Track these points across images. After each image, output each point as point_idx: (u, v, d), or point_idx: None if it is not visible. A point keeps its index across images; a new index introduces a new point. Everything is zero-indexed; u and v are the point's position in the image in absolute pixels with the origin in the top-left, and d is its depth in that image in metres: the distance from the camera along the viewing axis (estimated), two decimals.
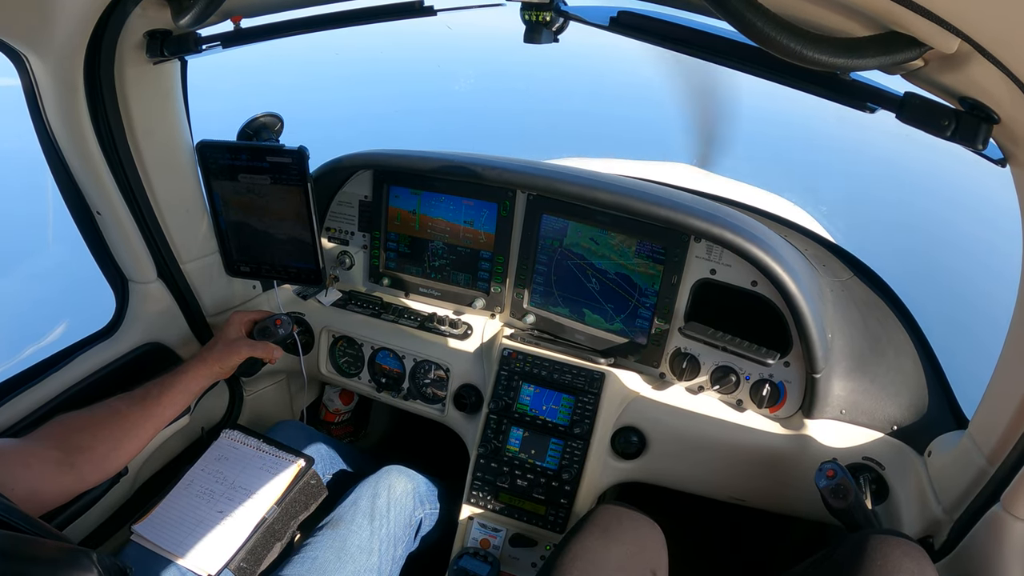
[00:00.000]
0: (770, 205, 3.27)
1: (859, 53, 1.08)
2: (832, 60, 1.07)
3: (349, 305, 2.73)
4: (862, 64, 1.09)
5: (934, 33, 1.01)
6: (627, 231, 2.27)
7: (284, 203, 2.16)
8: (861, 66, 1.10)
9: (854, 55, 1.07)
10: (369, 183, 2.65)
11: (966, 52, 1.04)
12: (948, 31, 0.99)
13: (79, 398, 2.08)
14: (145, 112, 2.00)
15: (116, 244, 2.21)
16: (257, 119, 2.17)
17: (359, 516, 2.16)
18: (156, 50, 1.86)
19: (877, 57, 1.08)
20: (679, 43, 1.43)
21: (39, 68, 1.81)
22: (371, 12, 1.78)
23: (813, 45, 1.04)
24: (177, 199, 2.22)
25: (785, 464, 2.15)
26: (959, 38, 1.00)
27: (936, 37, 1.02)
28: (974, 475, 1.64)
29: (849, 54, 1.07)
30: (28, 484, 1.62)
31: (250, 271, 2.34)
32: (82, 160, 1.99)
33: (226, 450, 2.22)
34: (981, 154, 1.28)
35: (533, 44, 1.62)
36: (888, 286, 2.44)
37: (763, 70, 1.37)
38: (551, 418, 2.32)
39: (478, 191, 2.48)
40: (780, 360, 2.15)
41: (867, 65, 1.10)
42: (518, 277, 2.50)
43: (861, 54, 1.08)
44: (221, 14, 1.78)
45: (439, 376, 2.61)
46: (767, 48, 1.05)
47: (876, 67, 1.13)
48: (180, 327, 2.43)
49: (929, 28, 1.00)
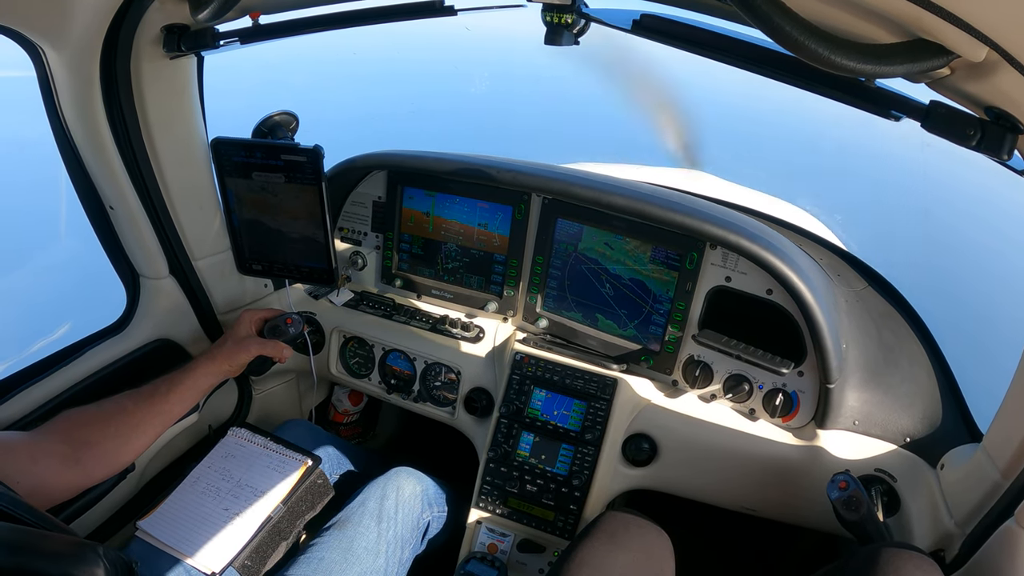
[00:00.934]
0: (785, 214, 3.26)
1: (886, 60, 1.06)
2: (859, 66, 1.05)
3: (361, 306, 2.72)
4: (889, 71, 1.08)
5: (962, 41, 0.99)
6: (642, 236, 2.26)
7: (298, 202, 2.16)
8: (888, 73, 1.09)
9: (881, 61, 1.06)
10: (383, 184, 2.64)
11: (994, 61, 1.03)
12: (977, 39, 0.97)
13: (88, 393, 2.07)
14: (160, 107, 2.00)
15: (128, 239, 2.20)
16: (272, 117, 2.17)
17: (366, 517, 2.15)
18: (173, 45, 1.86)
19: (904, 64, 1.07)
20: (702, 47, 1.42)
21: (55, 61, 1.81)
22: (391, 11, 1.77)
23: (840, 50, 1.03)
24: (190, 195, 2.22)
25: (797, 474, 2.14)
26: (988, 47, 0.99)
27: (964, 45, 1.00)
28: (988, 489, 1.63)
29: (876, 60, 1.06)
30: (34, 478, 1.62)
31: (262, 269, 2.33)
32: (96, 154, 1.99)
33: (233, 448, 2.22)
34: (1006, 165, 1.26)
35: (554, 46, 1.61)
36: (903, 297, 2.42)
37: (788, 75, 1.36)
38: (562, 423, 2.30)
39: (493, 194, 2.47)
40: (794, 370, 2.14)
41: (894, 72, 1.09)
42: (531, 281, 2.49)
43: (888, 61, 1.06)
44: (239, 10, 1.78)
45: (450, 379, 2.60)
46: (795, 53, 1.03)
47: (902, 74, 1.11)
48: (191, 324, 2.43)
49: (958, 36, 0.99)
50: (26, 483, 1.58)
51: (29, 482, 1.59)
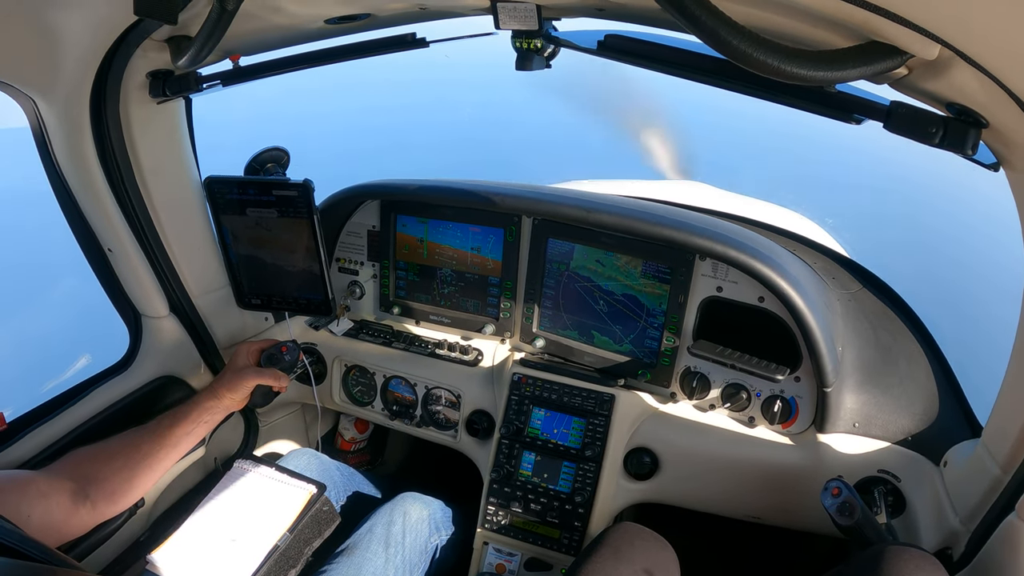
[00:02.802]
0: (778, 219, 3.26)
1: (840, 65, 1.07)
2: (813, 73, 1.06)
3: (361, 334, 2.75)
4: (844, 76, 1.09)
5: (914, 40, 1.01)
6: (632, 252, 2.28)
7: (292, 235, 2.20)
8: (843, 77, 1.10)
9: (835, 67, 1.07)
10: (376, 213, 2.68)
11: (948, 58, 1.04)
12: (927, 38, 0.99)
13: (95, 431, 2.11)
14: (152, 150, 2.05)
15: (128, 280, 2.25)
16: (263, 153, 2.21)
17: (374, 543, 2.16)
18: (159, 90, 1.91)
19: (859, 68, 1.08)
20: (665, 64, 1.44)
21: (46, 111, 1.87)
22: (366, 46, 1.82)
23: (791, 60, 1.04)
24: (187, 234, 2.26)
25: (800, 480, 2.13)
26: (939, 44, 1.00)
27: (916, 44, 1.02)
28: (989, 484, 1.62)
29: (830, 66, 1.07)
30: (44, 515, 1.65)
31: (261, 303, 2.37)
32: (91, 199, 2.04)
33: (239, 480, 2.23)
34: (973, 159, 1.27)
35: (526, 71, 1.64)
36: (898, 296, 2.41)
37: (749, 87, 1.38)
38: (563, 441, 2.31)
39: (484, 217, 2.50)
40: (790, 375, 2.14)
41: (849, 76, 1.10)
42: (526, 302, 2.52)
43: (842, 65, 1.08)
44: (220, 52, 1.83)
45: (451, 402, 2.62)
46: (745, 66, 1.05)
47: (859, 77, 1.12)
48: (193, 360, 2.46)
49: (908, 36, 1.00)
50: (37, 520, 1.61)
51: (40, 519, 1.63)
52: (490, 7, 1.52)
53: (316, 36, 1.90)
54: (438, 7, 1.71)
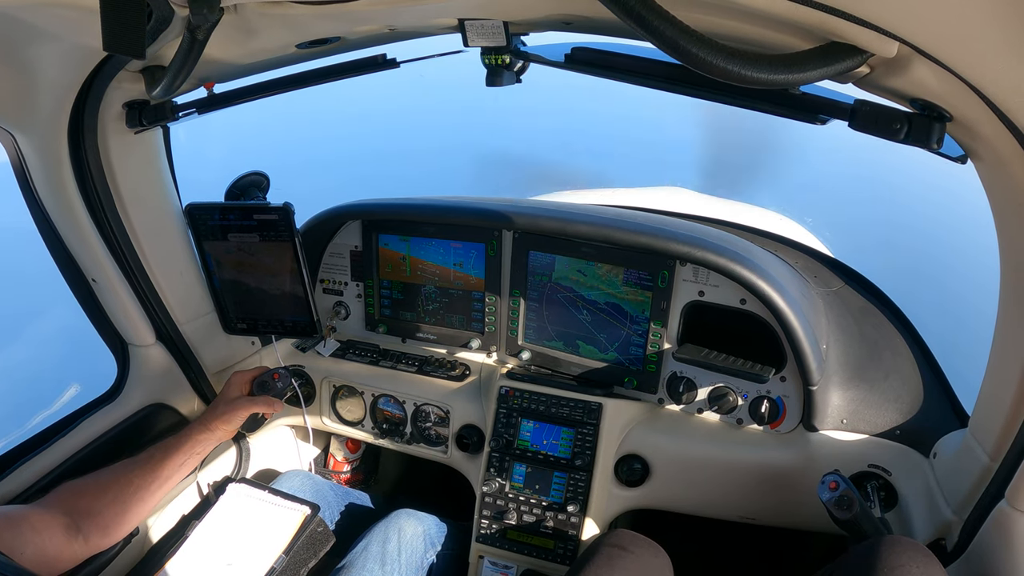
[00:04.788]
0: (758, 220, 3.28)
1: (801, 67, 1.08)
2: (774, 77, 1.07)
3: (348, 354, 2.75)
4: (805, 77, 1.10)
5: (872, 39, 1.03)
6: (613, 261, 2.30)
7: (275, 259, 2.21)
8: (805, 79, 1.11)
9: (796, 69, 1.08)
10: (359, 233, 2.69)
11: (907, 54, 1.06)
12: (885, 36, 1.00)
13: (86, 463, 2.10)
14: (131, 180, 2.06)
15: (113, 309, 2.25)
16: (243, 178, 2.23)
17: (370, 561, 2.16)
18: (135, 120, 1.92)
19: (820, 69, 1.09)
20: (630, 74, 1.46)
21: (25, 144, 1.88)
22: (338, 69, 1.84)
23: (752, 65, 1.05)
24: (170, 262, 2.26)
25: (791, 479, 2.14)
26: (897, 41, 1.02)
27: (874, 43, 1.04)
28: (979, 473, 1.63)
29: (790, 69, 1.08)
30: (37, 548, 1.65)
31: (247, 328, 2.37)
32: (73, 230, 2.04)
33: (233, 503, 2.23)
34: (939, 153, 1.29)
35: (496, 87, 1.66)
36: (881, 291, 2.43)
37: (713, 93, 1.40)
38: (552, 452, 2.32)
39: (464, 233, 2.51)
40: (776, 375, 2.16)
41: (811, 78, 1.11)
42: (511, 315, 2.53)
43: (803, 68, 1.09)
44: (194, 81, 1.84)
45: (440, 418, 2.62)
46: (707, 73, 1.05)
47: (821, 78, 1.14)
48: (182, 387, 2.46)
49: (867, 35, 1.02)
50: (30, 554, 1.61)
51: (33, 553, 1.63)
52: (458, 25, 1.54)
53: (289, 61, 1.91)
54: (407, 28, 1.72)
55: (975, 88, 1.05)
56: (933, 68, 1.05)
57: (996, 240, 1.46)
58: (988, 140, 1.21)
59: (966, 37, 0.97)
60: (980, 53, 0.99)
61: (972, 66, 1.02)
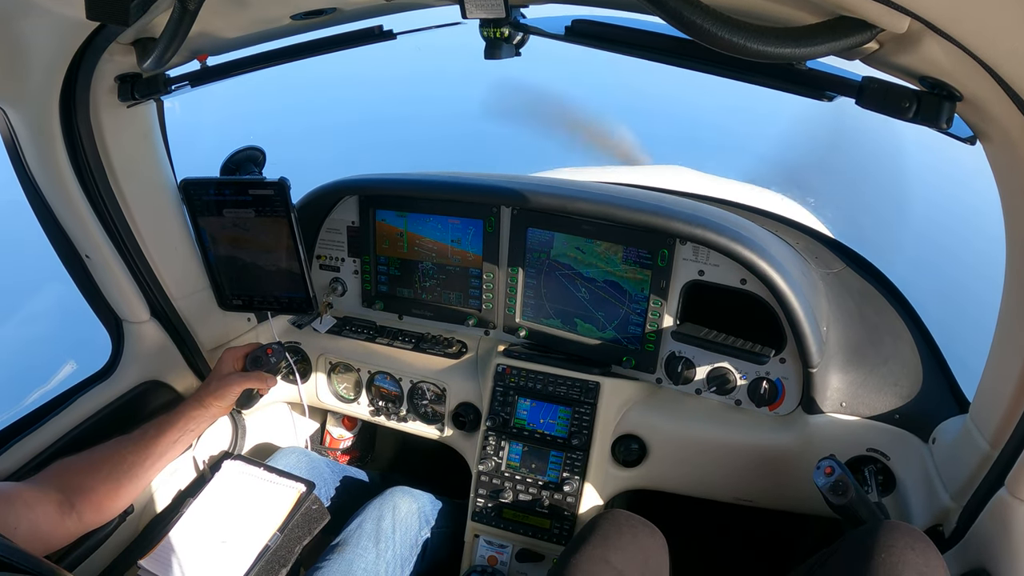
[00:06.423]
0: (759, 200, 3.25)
1: (808, 41, 1.06)
2: (780, 51, 1.05)
3: (344, 331, 2.74)
4: (813, 52, 1.08)
5: (882, 14, 1.00)
6: (612, 238, 2.27)
7: (270, 235, 2.18)
8: (812, 54, 1.08)
9: (803, 43, 1.05)
10: (355, 209, 2.66)
11: (918, 31, 1.03)
12: (896, 10, 0.97)
13: (81, 440, 2.09)
14: (125, 154, 2.02)
15: (107, 286, 2.22)
16: (239, 153, 2.19)
17: (364, 539, 2.15)
18: (127, 94, 1.88)
19: (828, 43, 1.07)
20: (633, 47, 1.43)
21: (16, 119, 1.85)
22: (334, 41, 1.80)
23: (758, 38, 1.03)
24: (164, 238, 2.24)
25: (789, 462, 2.13)
26: (909, 16, 0.99)
27: (885, 17, 1.01)
28: (978, 460, 1.62)
29: (797, 43, 1.05)
30: (31, 527, 1.65)
31: (242, 304, 2.35)
32: (66, 206, 2.01)
33: (228, 481, 2.22)
34: (948, 133, 1.26)
35: (494, 60, 1.62)
36: (882, 273, 2.41)
37: (718, 67, 1.37)
38: (549, 431, 2.31)
39: (463, 209, 2.49)
40: (775, 357, 2.14)
41: (818, 52, 1.08)
42: (508, 292, 2.51)
43: (811, 42, 1.06)
44: (187, 53, 1.81)
45: (436, 395, 2.61)
46: (712, 46, 1.03)
47: (828, 53, 1.11)
48: (177, 364, 2.45)
49: (877, 9, 0.99)
50: (24, 532, 1.61)
51: (26, 530, 1.62)
52: None
53: (283, 33, 1.87)
54: None
55: (987, 66, 1.03)
56: (944, 45, 1.03)
57: (1000, 226, 1.44)
58: (998, 121, 1.18)
59: (980, 13, 0.94)
60: (994, 30, 0.96)
61: (985, 44, 0.99)
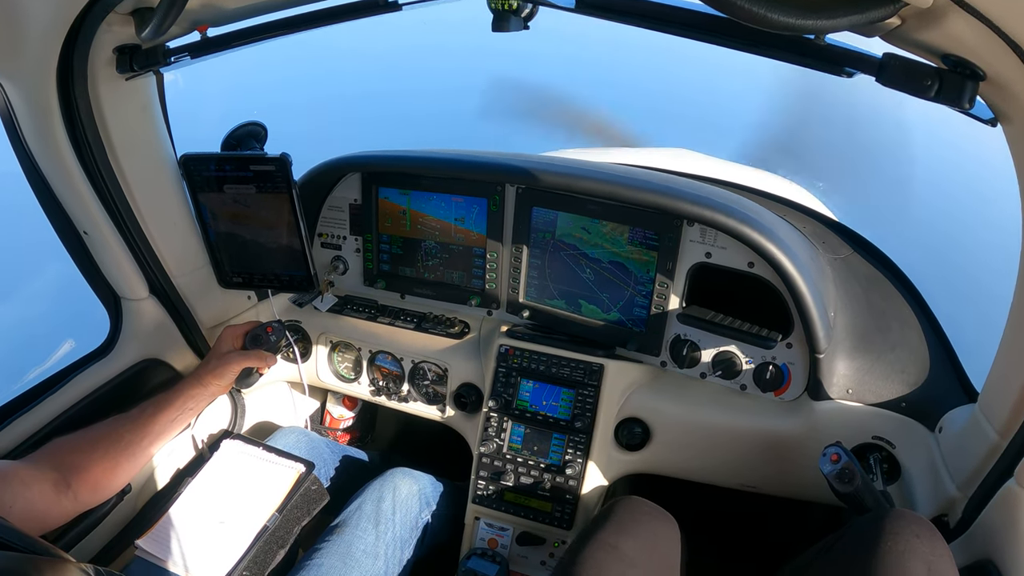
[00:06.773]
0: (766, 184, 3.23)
1: (828, 13, 1.03)
2: (800, 22, 1.02)
3: (345, 310, 2.71)
4: (833, 25, 1.05)
5: None
6: (618, 219, 2.24)
7: (271, 211, 2.15)
8: (832, 27, 1.06)
9: (823, 16, 1.03)
10: (358, 186, 2.62)
11: (943, 5, 1.00)
12: None
13: (78, 419, 2.07)
14: (124, 128, 1.99)
15: (105, 262, 2.20)
16: (240, 128, 2.16)
17: (364, 520, 2.14)
18: (126, 65, 1.84)
19: (849, 16, 1.04)
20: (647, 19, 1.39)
21: (13, 92, 1.81)
22: (337, 11, 1.77)
23: (777, 7, 1.00)
24: (164, 214, 2.21)
25: (794, 448, 2.12)
26: None
27: None
28: (986, 450, 1.60)
29: (818, 15, 1.02)
30: (26, 504, 1.64)
31: (243, 282, 2.32)
32: (63, 181, 1.98)
33: (226, 460, 2.21)
34: (969, 114, 1.24)
35: (502, 32, 1.58)
36: (890, 260, 2.38)
37: (733, 40, 1.34)
38: (552, 413, 2.29)
39: (466, 187, 2.45)
40: (782, 342, 2.11)
41: (839, 26, 1.06)
42: (512, 272, 2.48)
43: (831, 14, 1.03)
44: (186, 24, 1.77)
45: (438, 376, 2.59)
46: (730, 14, 1.01)
47: (849, 27, 1.08)
48: (176, 342, 2.42)
49: None
50: (19, 510, 1.60)
51: (22, 509, 1.61)
52: None
53: (286, 4, 1.83)
54: None
55: (1015, 44, 0.99)
56: (970, 21, 1.00)
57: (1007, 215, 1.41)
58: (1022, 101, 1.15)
59: None
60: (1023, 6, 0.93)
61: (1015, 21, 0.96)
